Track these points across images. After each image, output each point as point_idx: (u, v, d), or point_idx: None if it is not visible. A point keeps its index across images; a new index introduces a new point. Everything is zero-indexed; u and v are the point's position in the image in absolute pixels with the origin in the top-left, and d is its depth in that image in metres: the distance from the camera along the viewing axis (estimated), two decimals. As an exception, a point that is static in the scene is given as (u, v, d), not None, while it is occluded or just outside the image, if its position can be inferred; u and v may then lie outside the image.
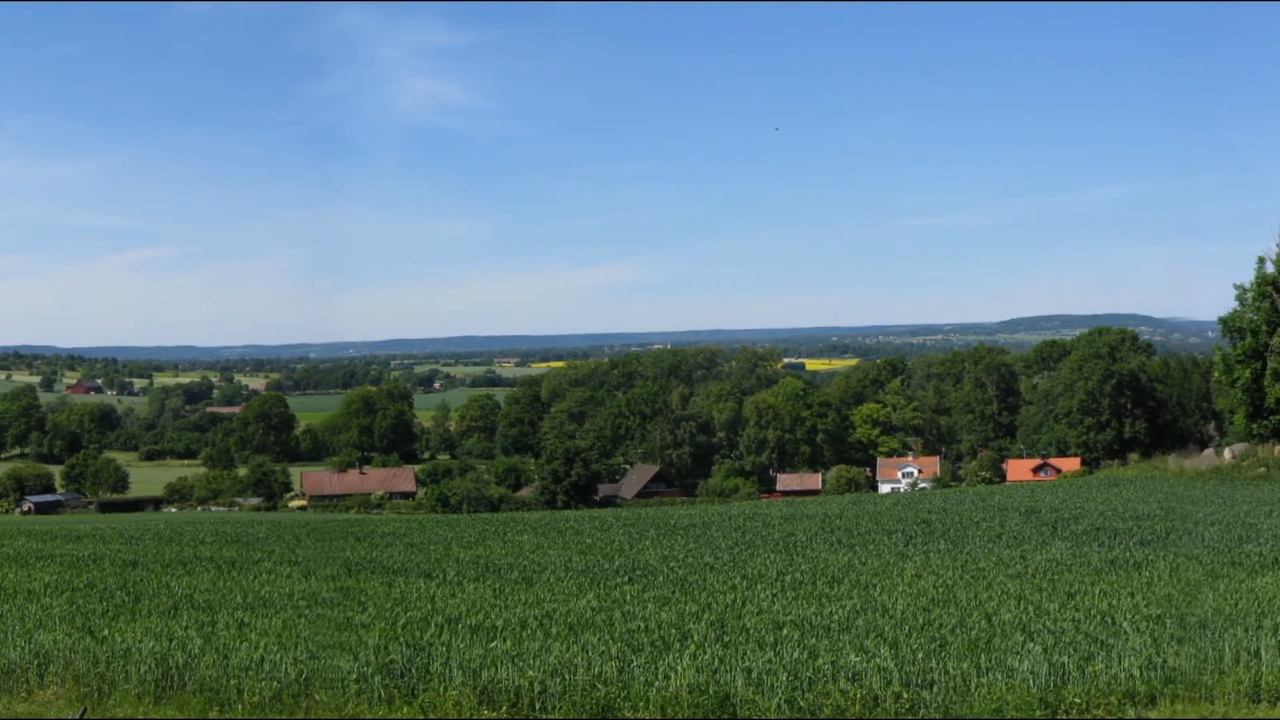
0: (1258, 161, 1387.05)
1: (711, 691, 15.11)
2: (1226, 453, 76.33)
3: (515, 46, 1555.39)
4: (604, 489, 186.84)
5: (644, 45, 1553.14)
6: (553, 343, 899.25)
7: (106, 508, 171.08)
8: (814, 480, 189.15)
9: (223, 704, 15.60)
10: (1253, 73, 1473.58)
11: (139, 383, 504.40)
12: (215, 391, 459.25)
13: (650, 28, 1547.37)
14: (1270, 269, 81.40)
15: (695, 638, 18.84)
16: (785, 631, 19.57)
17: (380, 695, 15.51)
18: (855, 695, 15.00)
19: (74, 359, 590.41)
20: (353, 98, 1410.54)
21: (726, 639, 18.77)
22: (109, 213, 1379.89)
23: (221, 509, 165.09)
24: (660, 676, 15.74)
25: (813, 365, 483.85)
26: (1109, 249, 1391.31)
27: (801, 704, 14.92)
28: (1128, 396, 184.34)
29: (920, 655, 16.92)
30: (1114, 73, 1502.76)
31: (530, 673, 15.81)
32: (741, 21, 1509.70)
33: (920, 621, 20.51)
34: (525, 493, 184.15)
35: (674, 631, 19.60)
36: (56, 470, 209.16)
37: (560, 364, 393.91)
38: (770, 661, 16.48)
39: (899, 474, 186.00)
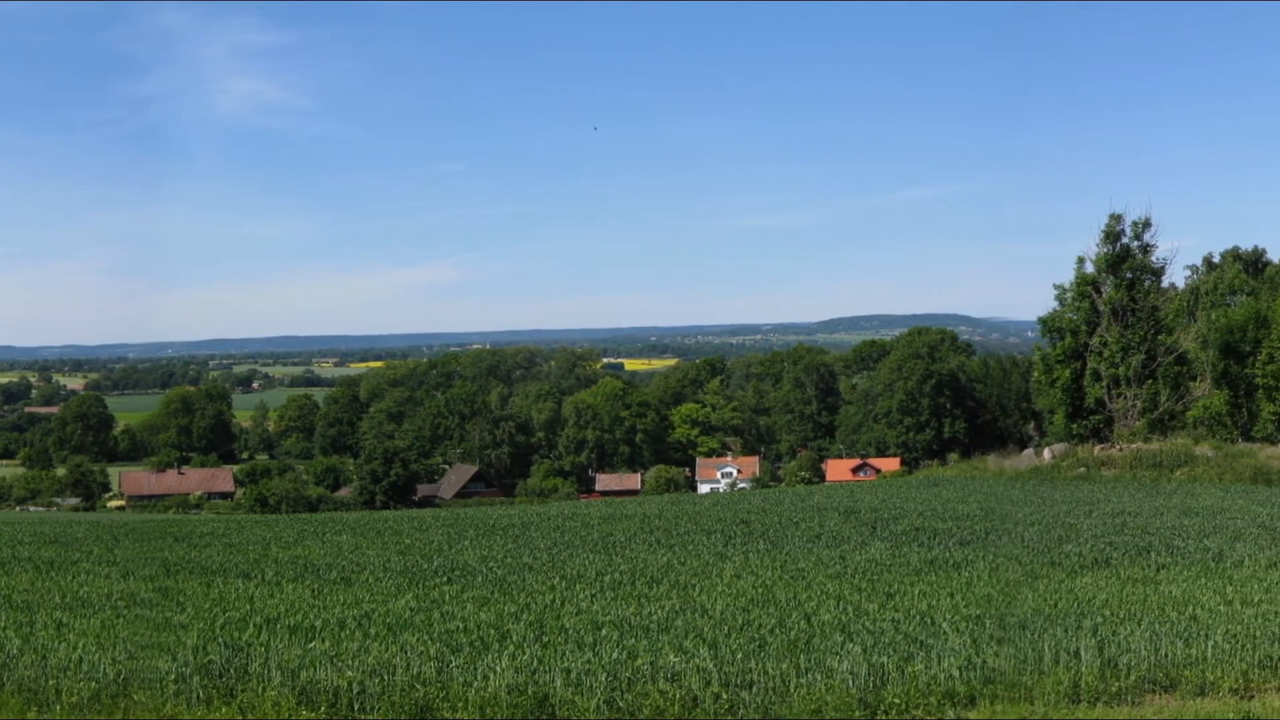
0: (1076, 161, 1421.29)
1: (530, 692, 15.13)
2: (1046, 453, 77.86)
3: (335, 46, 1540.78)
4: (423, 489, 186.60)
5: (464, 45, 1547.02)
6: (372, 343, 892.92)
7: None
8: (633, 480, 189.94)
9: (41, 704, 15.31)
10: (1070, 73, 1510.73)
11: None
12: (33, 391, 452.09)
13: (471, 27, 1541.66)
14: (1090, 269, 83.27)
15: (514, 638, 18.86)
16: (604, 632, 19.59)
17: (199, 695, 15.33)
18: (674, 695, 15.06)
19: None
20: (172, 97, 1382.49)
21: (545, 639, 18.81)
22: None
23: (39, 509, 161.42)
24: (479, 677, 15.73)
25: (632, 365, 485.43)
26: (927, 249, 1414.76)
27: (620, 704, 14.95)
28: (947, 396, 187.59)
29: (739, 655, 17.03)
30: (933, 73, 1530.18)
31: (349, 673, 15.76)
32: (561, 21, 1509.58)
33: (739, 622, 20.64)
34: (344, 493, 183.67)
35: (493, 632, 19.64)
36: None
37: (379, 364, 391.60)
38: (589, 662, 16.52)
39: (718, 474, 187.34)
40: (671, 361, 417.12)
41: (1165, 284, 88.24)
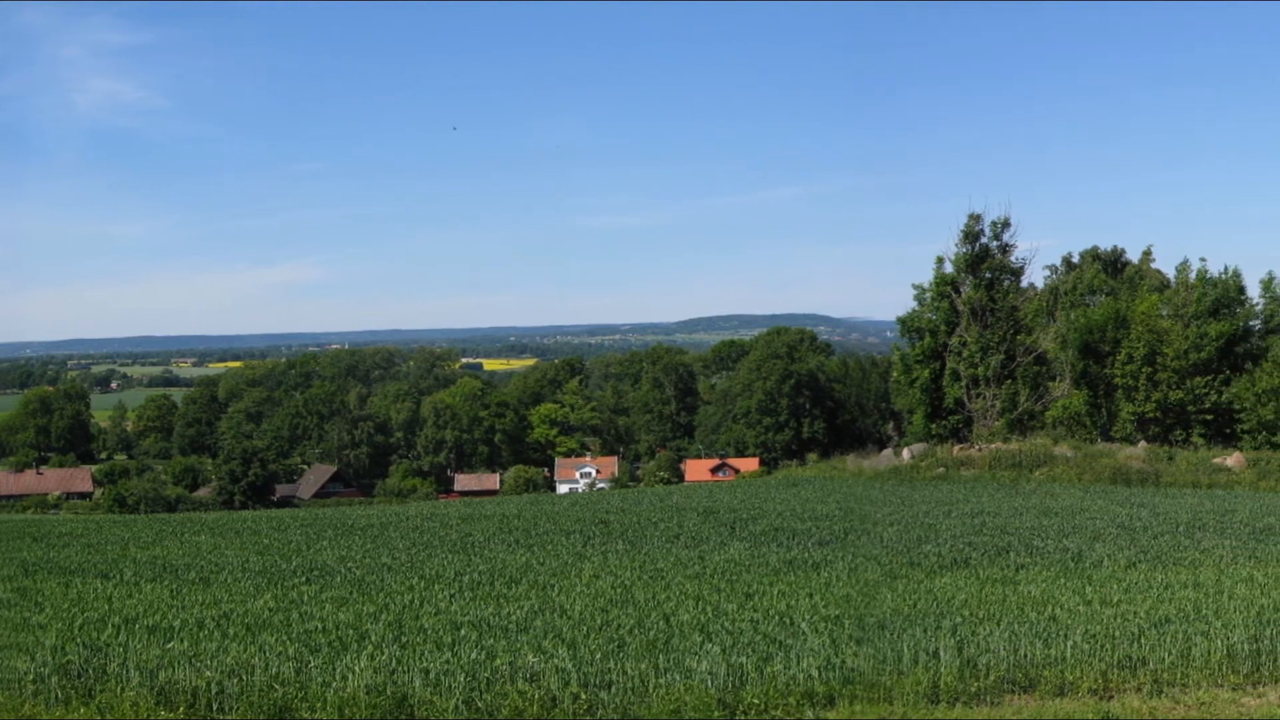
0: (937, 161, 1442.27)
1: (389, 692, 15.17)
2: (905, 453, 78.34)
3: (194, 46, 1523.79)
4: (281, 489, 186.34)
5: (323, 45, 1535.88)
6: (231, 343, 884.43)
7: None
8: (492, 480, 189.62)
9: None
10: (931, 74, 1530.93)
11: None
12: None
13: (329, 27, 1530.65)
14: (949, 269, 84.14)
15: (373, 638, 18.87)
16: (463, 632, 19.58)
17: (57, 696, 15.29)
18: (533, 696, 15.11)
19: None
20: (30, 97, 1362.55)
21: (404, 639, 18.83)
22: None
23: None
24: (338, 677, 15.74)
25: (491, 365, 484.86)
26: (787, 249, 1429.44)
27: (479, 704, 14.99)
28: (806, 396, 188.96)
29: (598, 656, 17.06)
30: (791, 73, 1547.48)
31: (207, 673, 15.76)
32: (419, 21, 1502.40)
33: (598, 622, 20.66)
34: (203, 493, 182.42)
35: (351, 632, 19.65)
36: None
37: (238, 364, 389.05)
38: (448, 662, 16.56)
39: (577, 474, 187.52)
40: (530, 361, 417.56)
41: (1024, 284, 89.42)
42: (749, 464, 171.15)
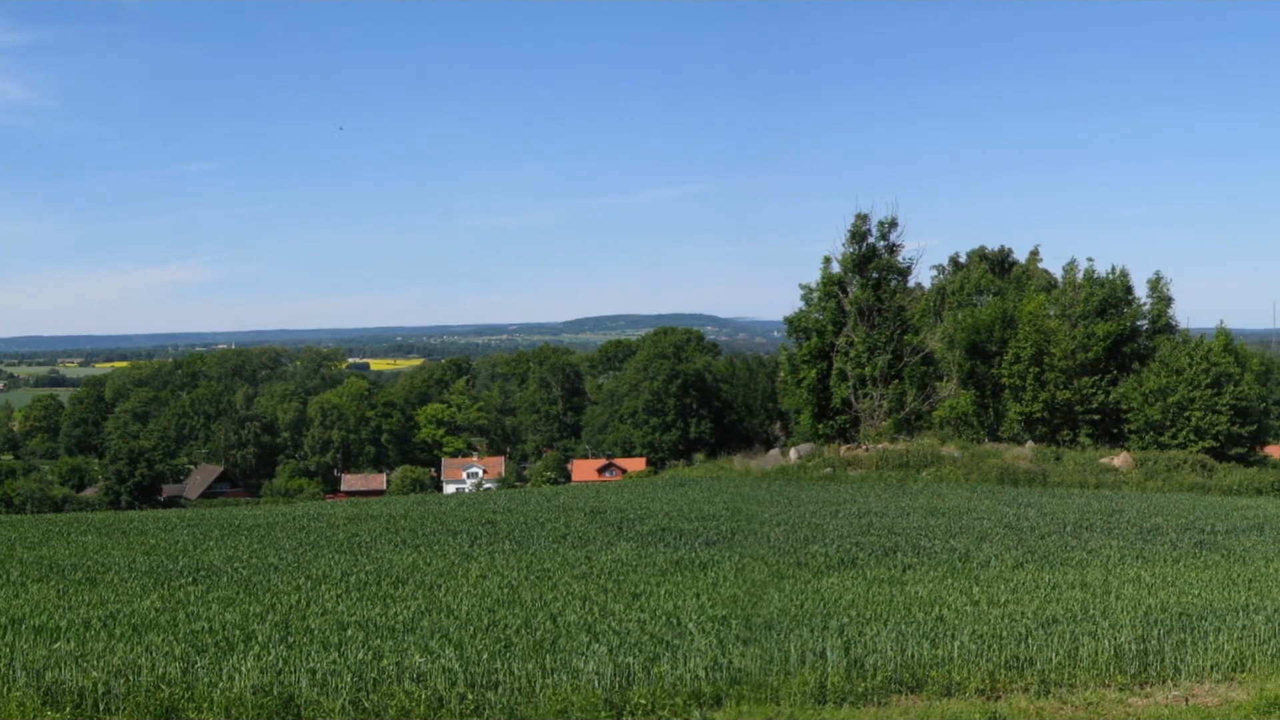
0: (824, 161, 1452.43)
1: (276, 692, 15.18)
2: (792, 453, 78.62)
3: (81, 45, 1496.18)
4: (168, 489, 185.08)
5: (212, 44, 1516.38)
6: (118, 343, 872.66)
7: None
8: (379, 480, 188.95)
9: None
10: (817, 73, 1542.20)
11: None
12: None
13: (218, 27, 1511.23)
14: (836, 269, 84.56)
15: (259, 638, 18.87)
16: (350, 632, 19.64)
17: None
18: (420, 696, 15.14)
19: None
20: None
21: (291, 640, 18.85)
22: None
23: None
24: (224, 677, 15.75)
25: (378, 365, 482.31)
26: (675, 249, 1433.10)
27: (366, 705, 15.03)
28: (693, 396, 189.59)
29: (485, 656, 17.10)
30: (679, 72, 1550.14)
31: (94, 673, 15.73)
32: (306, 20, 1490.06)
33: (485, 622, 20.70)
34: (89, 493, 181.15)
35: (238, 632, 19.68)
36: None
37: (125, 364, 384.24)
38: (335, 662, 16.59)
39: (464, 474, 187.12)
40: (417, 362, 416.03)
41: (912, 284, 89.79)
42: (636, 464, 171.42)
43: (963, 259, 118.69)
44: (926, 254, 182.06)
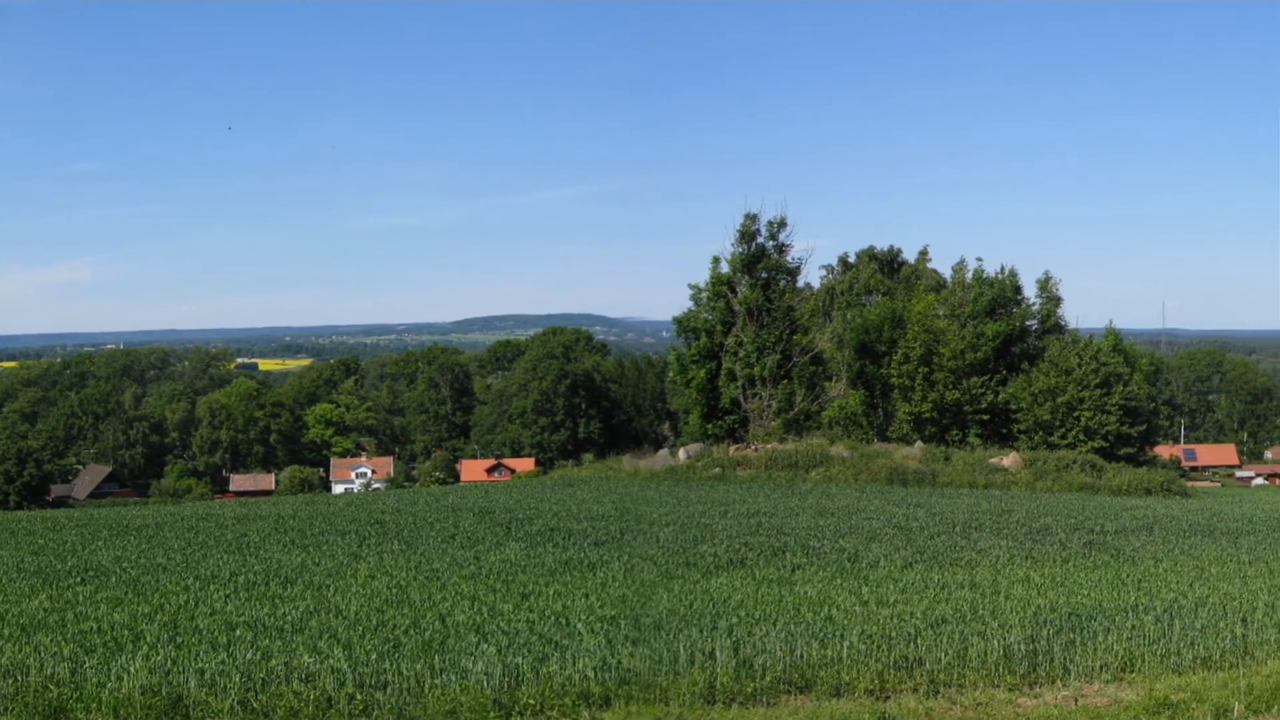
0: (713, 161, 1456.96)
1: (164, 693, 15.16)
2: (681, 453, 78.75)
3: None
4: (56, 489, 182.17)
5: (97, 43, 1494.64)
6: (5, 343, 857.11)
7: None
8: (267, 481, 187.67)
9: None
10: (703, 73, 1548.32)
11: None
12: None
13: (104, 25, 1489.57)
14: (726, 269, 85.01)
15: (148, 639, 18.84)
16: (238, 632, 19.58)
17: None
18: (309, 696, 15.16)
19: None
20: None
21: (179, 640, 18.79)
22: None
23: None
24: (113, 678, 15.73)
25: (266, 365, 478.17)
26: (563, 249, 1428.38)
27: (255, 705, 15.03)
28: (582, 396, 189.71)
29: (374, 656, 17.16)
30: (566, 73, 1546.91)
31: None
32: (195, 19, 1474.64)
33: (374, 622, 20.69)
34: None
35: (127, 632, 19.61)
36: None
37: (12, 364, 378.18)
38: (223, 663, 16.58)
39: (353, 474, 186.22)
40: (306, 362, 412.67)
41: (801, 284, 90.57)
42: (525, 464, 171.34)
43: (852, 259, 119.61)
44: (816, 254, 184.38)
